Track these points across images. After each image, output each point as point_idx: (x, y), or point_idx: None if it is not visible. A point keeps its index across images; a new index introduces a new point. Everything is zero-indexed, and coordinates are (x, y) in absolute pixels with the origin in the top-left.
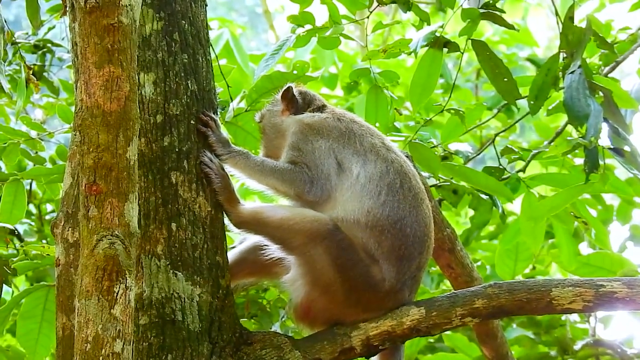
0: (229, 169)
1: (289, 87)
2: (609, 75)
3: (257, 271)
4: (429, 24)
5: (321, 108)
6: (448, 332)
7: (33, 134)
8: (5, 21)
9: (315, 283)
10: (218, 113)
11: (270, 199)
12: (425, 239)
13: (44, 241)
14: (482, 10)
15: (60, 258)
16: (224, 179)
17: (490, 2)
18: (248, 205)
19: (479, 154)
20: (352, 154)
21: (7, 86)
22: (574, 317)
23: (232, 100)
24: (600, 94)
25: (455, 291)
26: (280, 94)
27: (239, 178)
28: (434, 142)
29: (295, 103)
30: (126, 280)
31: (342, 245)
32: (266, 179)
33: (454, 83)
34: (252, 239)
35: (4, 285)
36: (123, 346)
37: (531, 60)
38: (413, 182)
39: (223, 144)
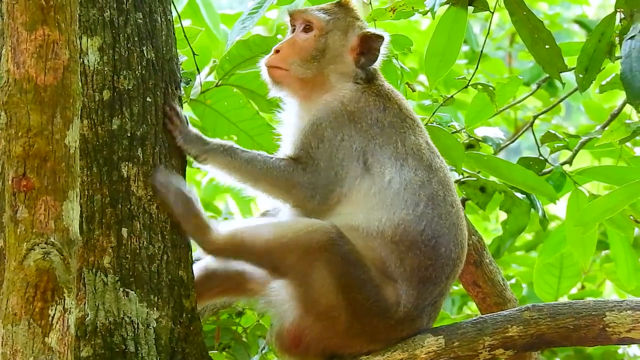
0: (208, 169)
1: (381, 36)
2: None
3: (230, 289)
4: None
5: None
6: None
7: None
8: None
9: (311, 305)
10: (181, 88)
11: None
12: (458, 263)
13: None
14: None
15: None
16: (186, 203)
17: None
18: (222, 228)
19: (513, 142)
20: (389, 156)
21: None
22: (634, 349)
23: (199, 72)
24: None
25: (482, 316)
26: (361, 33)
27: (223, 182)
28: (456, 126)
29: (370, 60)
30: (64, 300)
31: (348, 259)
32: (258, 183)
33: (481, 51)
34: None
35: None
36: None
37: (580, 22)
38: (455, 196)
39: (194, 141)
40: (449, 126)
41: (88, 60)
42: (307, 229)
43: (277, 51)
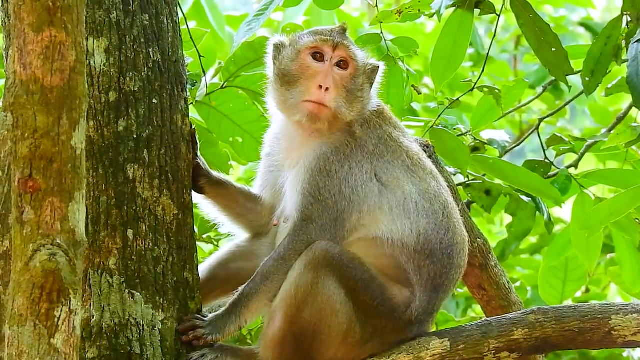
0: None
1: (378, 66)
2: None
3: (232, 290)
4: None
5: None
6: None
7: None
8: None
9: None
10: (187, 89)
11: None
12: (463, 269)
13: None
14: None
15: None
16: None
17: None
18: (260, 346)
19: (518, 145)
20: (400, 169)
21: None
22: (639, 352)
23: (204, 74)
24: None
25: (488, 318)
26: (371, 66)
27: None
28: (461, 128)
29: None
30: (70, 301)
31: (346, 263)
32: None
33: (487, 54)
34: (226, 247)
35: None
36: None
37: (586, 25)
38: (454, 203)
39: (214, 325)
40: (454, 129)
41: (94, 62)
42: (300, 273)
43: (327, 88)
